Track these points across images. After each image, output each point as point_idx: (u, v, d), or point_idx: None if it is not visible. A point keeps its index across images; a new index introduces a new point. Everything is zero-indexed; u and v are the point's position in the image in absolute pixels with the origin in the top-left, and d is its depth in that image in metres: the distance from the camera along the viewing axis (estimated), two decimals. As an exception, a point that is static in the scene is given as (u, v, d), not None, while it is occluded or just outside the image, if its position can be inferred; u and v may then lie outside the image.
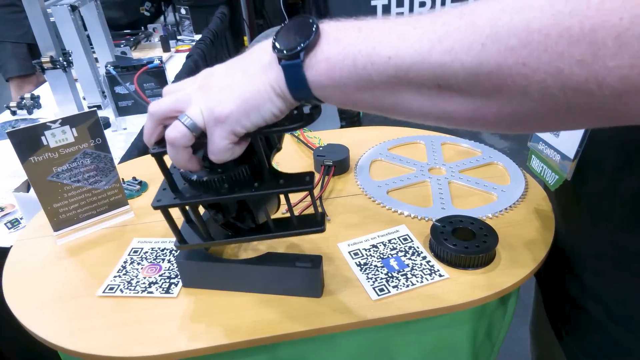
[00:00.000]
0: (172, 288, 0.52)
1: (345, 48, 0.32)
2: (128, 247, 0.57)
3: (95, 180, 0.60)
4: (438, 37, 0.29)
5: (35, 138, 0.54)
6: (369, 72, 0.31)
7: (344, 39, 0.32)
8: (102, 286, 0.52)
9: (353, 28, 0.33)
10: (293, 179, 0.42)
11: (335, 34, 0.33)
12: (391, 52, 0.30)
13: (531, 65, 0.26)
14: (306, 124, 0.39)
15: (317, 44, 0.33)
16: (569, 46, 0.24)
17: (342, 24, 0.34)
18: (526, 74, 0.26)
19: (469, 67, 0.28)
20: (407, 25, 0.30)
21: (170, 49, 1.96)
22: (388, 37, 0.31)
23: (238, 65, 0.37)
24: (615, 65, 0.24)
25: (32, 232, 0.62)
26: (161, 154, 0.40)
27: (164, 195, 0.44)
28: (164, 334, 0.46)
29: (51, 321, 0.48)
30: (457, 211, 0.60)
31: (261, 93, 0.35)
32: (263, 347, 0.48)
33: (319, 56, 0.33)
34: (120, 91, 1.42)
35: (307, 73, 0.33)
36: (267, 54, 0.35)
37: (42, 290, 0.52)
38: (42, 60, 1.16)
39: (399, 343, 0.54)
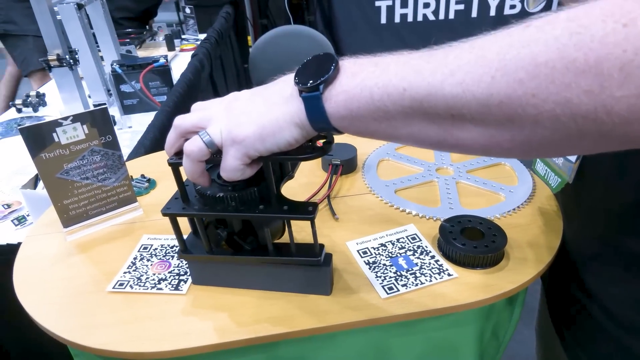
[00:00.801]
0: (181, 285, 0.52)
1: (363, 81, 0.34)
2: (138, 244, 0.58)
3: (104, 177, 0.61)
4: (450, 70, 0.30)
5: (47, 134, 0.54)
6: (385, 104, 0.33)
7: (361, 73, 0.34)
8: (112, 282, 0.52)
9: (370, 63, 0.35)
10: (297, 207, 0.44)
11: (353, 68, 0.35)
12: (406, 84, 0.32)
13: (540, 96, 0.27)
14: (319, 156, 0.41)
15: (336, 77, 0.35)
16: (575, 77, 0.26)
17: (359, 59, 0.36)
18: (536, 104, 0.27)
19: (480, 98, 0.29)
20: (420, 60, 0.32)
21: (174, 48, 1.97)
22: (403, 71, 0.32)
23: (261, 93, 0.39)
24: (622, 95, 0.25)
25: (41, 228, 0.63)
26: (178, 164, 0.43)
27: (174, 204, 0.46)
28: (173, 330, 0.46)
29: (62, 316, 0.49)
30: (465, 211, 0.60)
31: (279, 122, 0.37)
32: (263, 346, 0.48)
33: (338, 89, 0.35)
34: (126, 89, 1.42)
35: (326, 105, 0.35)
36: (289, 86, 0.37)
37: (53, 286, 0.53)
38: (49, 58, 1.17)
39: (404, 342, 0.54)
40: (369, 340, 0.52)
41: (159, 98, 1.43)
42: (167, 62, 1.42)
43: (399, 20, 3.02)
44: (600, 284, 0.49)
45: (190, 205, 0.45)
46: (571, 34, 0.26)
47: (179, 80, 1.39)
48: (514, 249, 0.54)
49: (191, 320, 0.47)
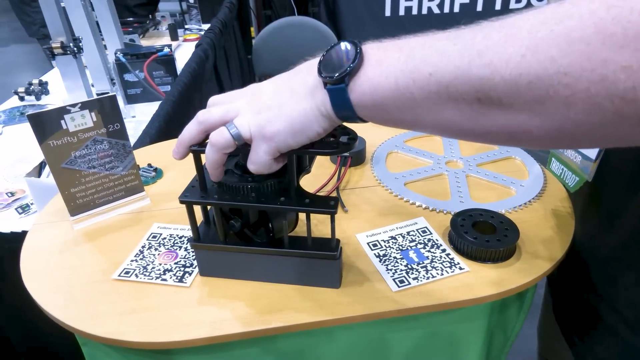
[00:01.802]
0: (185, 277, 0.51)
1: (388, 68, 0.33)
2: (147, 232, 0.57)
3: (112, 166, 0.60)
4: (477, 51, 0.29)
5: (55, 121, 0.54)
6: (411, 90, 0.32)
7: (386, 60, 0.33)
8: (118, 270, 0.52)
9: (394, 48, 0.34)
10: (318, 200, 0.44)
11: (377, 55, 0.34)
12: (432, 68, 0.31)
13: (573, 74, 0.25)
14: (344, 152, 0.41)
15: (361, 67, 0.34)
16: (613, 53, 0.24)
17: (384, 44, 0.35)
18: (568, 84, 0.26)
19: (508, 79, 0.28)
20: (447, 41, 0.31)
21: (178, 37, 1.95)
22: (428, 54, 0.31)
23: (286, 84, 0.39)
24: None
25: (48, 217, 0.62)
26: (200, 152, 0.42)
27: (192, 192, 0.46)
28: (181, 321, 0.46)
29: (70, 305, 0.48)
30: (475, 205, 0.60)
31: (308, 115, 0.37)
32: (262, 339, 0.48)
33: (362, 78, 0.34)
34: (130, 79, 1.41)
35: (352, 96, 0.34)
36: (312, 76, 0.37)
37: (60, 274, 0.52)
38: (53, 46, 1.16)
39: (408, 336, 0.54)
40: (370, 334, 0.52)
41: (163, 88, 1.42)
42: (171, 52, 1.40)
43: (404, 13, 2.99)
44: (614, 287, 0.48)
45: (209, 194, 0.45)
46: (609, 7, 0.24)
47: (183, 70, 1.37)
48: (526, 244, 0.54)
49: (199, 311, 0.47)
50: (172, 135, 1.11)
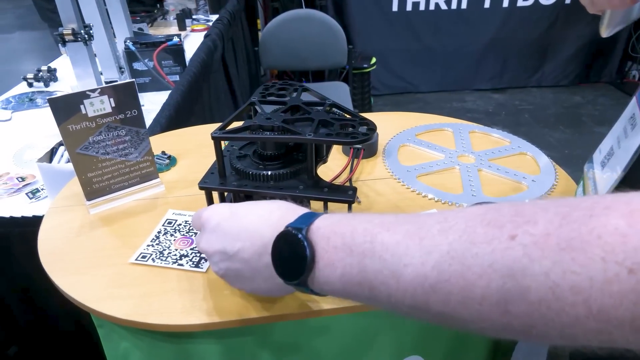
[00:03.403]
0: (202, 263, 0.52)
1: (344, 276, 0.32)
2: (163, 218, 0.58)
3: (128, 152, 0.61)
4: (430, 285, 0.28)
5: (75, 106, 0.54)
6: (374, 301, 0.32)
7: (338, 263, 0.32)
8: (135, 254, 0.53)
9: (343, 247, 0.32)
10: (337, 189, 0.45)
11: (328, 257, 0.33)
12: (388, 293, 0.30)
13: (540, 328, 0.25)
14: (362, 142, 0.43)
15: (314, 267, 0.33)
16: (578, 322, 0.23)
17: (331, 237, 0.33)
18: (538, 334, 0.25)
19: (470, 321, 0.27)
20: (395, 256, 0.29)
21: (185, 27, 1.95)
22: (381, 275, 0.30)
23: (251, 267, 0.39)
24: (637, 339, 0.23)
25: (63, 201, 0.63)
26: (221, 138, 0.43)
27: (211, 179, 0.47)
28: (195, 305, 0.46)
29: (88, 287, 0.49)
30: (488, 198, 0.60)
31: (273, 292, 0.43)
32: (255, 328, 0.49)
33: (320, 279, 0.34)
34: (138, 67, 1.42)
35: (314, 289, 0.35)
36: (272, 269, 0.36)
37: (78, 257, 0.53)
38: (64, 32, 1.16)
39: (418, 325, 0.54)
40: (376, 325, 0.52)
41: (171, 77, 1.42)
42: (180, 42, 1.41)
43: (411, 9, 2.99)
44: None
45: (227, 180, 0.45)
46: (564, 271, 0.23)
47: (192, 60, 1.38)
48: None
49: (216, 295, 0.48)
50: (181, 124, 1.12)
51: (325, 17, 2.20)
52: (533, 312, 0.24)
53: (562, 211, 0.25)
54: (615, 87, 3.26)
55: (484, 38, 3.09)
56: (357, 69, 2.68)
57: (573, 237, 0.23)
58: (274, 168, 0.45)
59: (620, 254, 0.22)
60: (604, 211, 0.23)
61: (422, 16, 3.02)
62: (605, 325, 0.23)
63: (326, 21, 2.19)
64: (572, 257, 0.23)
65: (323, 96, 0.52)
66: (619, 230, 0.22)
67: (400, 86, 3.22)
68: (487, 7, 3.00)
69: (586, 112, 3.00)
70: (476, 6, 2.99)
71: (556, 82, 3.30)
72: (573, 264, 0.23)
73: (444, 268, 0.27)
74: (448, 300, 0.27)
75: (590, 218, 0.23)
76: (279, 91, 0.54)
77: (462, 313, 0.27)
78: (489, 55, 3.16)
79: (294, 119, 0.48)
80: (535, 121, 2.88)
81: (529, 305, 0.24)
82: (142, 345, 0.51)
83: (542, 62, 3.23)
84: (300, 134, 0.45)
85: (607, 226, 0.23)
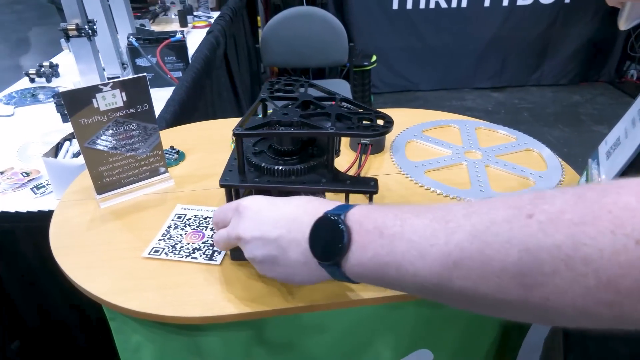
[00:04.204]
0: (215, 255, 0.52)
1: (374, 257, 0.34)
2: (172, 213, 0.58)
3: (139, 146, 0.61)
4: (454, 261, 0.30)
5: (87, 100, 0.54)
6: (399, 281, 0.34)
7: (370, 245, 0.34)
8: (147, 248, 0.53)
9: (375, 230, 0.35)
10: (358, 181, 0.46)
11: (362, 238, 0.35)
12: (415, 270, 0.32)
13: (555, 302, 0.26)
14: (383, 134, 0.45)
15: (349, 249, 0.35)
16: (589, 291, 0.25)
17: (364, 222, 0.35)
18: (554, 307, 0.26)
19: (491, 296, 0.29)
20: (423, 237, 0.32)
21: (187, 24, 1.95)
22: (409, 254, 0.32)
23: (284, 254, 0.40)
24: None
25: (73, 195, 0.63)
26: (244, 135, 0.43)
27: (231, 176, 0.46)
28: (209, 298, 0.47)
29: (101, 280, 0.49)
30: (496, 194, 0.61)
31: (304, 282, 0.44)
32: (251, 323, 0.49)
33: (352, 261, 0.35)
34: (141, 64, 1.41)
35: (347, 272, 0.36)
36: (308, 253, 0.38)
37: (90, 250, 0.53)
38: (68, 28, 1.16)
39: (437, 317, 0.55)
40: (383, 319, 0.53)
41: (174, 74, 1.42)
42: (183, 38, 1.41)
43: (411, 7, 2.99)
44: None
45: (247, 177, 0.45)
46: (576, 244, 0.25)
47: (196, 56, 1.38)
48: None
49: (230, 289, 0.48)
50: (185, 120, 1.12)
51: (326, 14, 2.20)
52: (548, 283, 0.26)
53: (578, 192, 0.27)
54: (614, 86, 3.28)
55: (484, 37, 3.10)
56: (358, 66, 2.68)
57: (586, 213, 0.25)
58: (292, 163, 0.45)
59: (629, 227, 0.23)
60: (616, 190, 0.25)
61: (423, 14, 3.02)
62: (615, 295, 0.24)
63: (327, 19, 2.19)
64: (583, 230, 0.25)
65: (331, 91, 0.53)
66: (629, 206, 0.24)
67: (400, 84, 3.22)
68: (487, 6, 3.01)
69: (585, 111, 3.01)
70: (476, 5, 3.00)
71: (555, 81, 3.32)
72: (584, 237, 0.24)
73: (466, 246, 0.29)
74: (469, 275, 0.29)
75: (603, 197, 0.25)
76: (286, 87, 0.54)
77: (482, 287, 0.29)
78: (489, 54, 3.17)
79: (310, 113, 0.48)
80: (534, 120, 2.89)
81: (543, 277, 0.26)
82: (154, 337, 0.51)
83: (542, 61, 3.24)
84: (321, 128, 0.45)
85: (617, 202, 0.24)
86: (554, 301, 0.26)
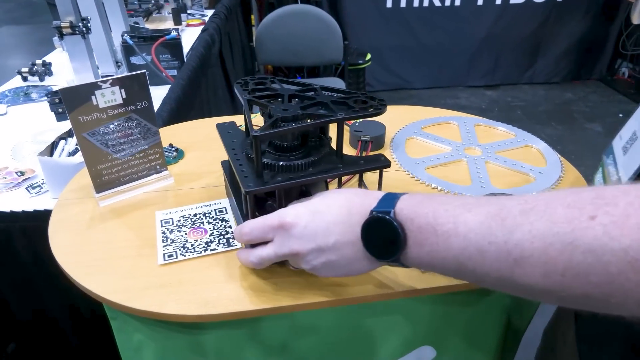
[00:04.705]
0: (232, 240, 0.53)
1: (431, 253, 0.36)
2: (156, 221, 0.56)
3: (138, 144, 0.60)
4: (515, 260, 0.31)
5: (86, 97, 0.53)
6: (459, 274, 0.36)
7: (426, 242, 0.36)
8: (159, 256, 0.51)
9: (428, 226, 0.36)
10: (370, 159, 0.48)
11: (417, 236, 0.36)
12: (474, 266, 0.33)
13: (618, 297, 0.27)
14: (382, 113, 0.48)
15: (406, 246, 0.37)
16: None
17: (415, 219, 0.36)
18: (617, 303, 0.28)
19: (553, 290, 0.30)
20: (479, 234, 0.33)
21: (181, 22, 1.94)
22: (467, 251, 0.33)
23: (350, 255, 0.41)
24: None
25: (71, 193, 0.62)
26: (264, 136, 0.43)
27: (251, 181, 0.45)
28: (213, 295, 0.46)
29: (104, 279, 0.48)
30: (497, 190, 0.61)
31: (362, 271, 0.43)
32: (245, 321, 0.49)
33: (411, 256, 0.37)
34: (136, 62, 1.40)
35: (406, 263, 0.38)
36: (365, 252, 0.39)
37: (91, 249, 0.52)
38: (62, 25, 1.14)
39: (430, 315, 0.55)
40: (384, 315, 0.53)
41: (169, 72, 1.41)
42: (179, 36, 1.40)
43: (405, 5, 3.00)
44: None
45: (265, 178, 0.45)
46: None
47: (191, 54, 1.37)
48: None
49: (236, 286, 0.48)
50: (182, 118, 1.11)
51: (321, 12, 2.20)
52: (613, 282, 0.27)
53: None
54: (605, 84, 3.30)
55: (477, 35, 3.11)
56: (352, 65, 2.68)
57: None
58: (302, 156, 0.46)
59: None
60: None
61: (416, 13, 3.03)
62: None
63: (322, 17, 2.19)
64: None
65: (304, 82, 0.54)
66: None
67: (394, 82, 3.23)
68: (481, 4, 3.02)
69: (577, 108, 3.03)
70: (469, 3, 3.01)
71: (548, 79, 3.34)
72: None
73: (526, 246, 0.30)
74: (532, 273, 0.30)
75: None
76: (258, 86, 0.53)
77: (545, 284, 0.30)
78: (482, 52, 3.18)
79: (307, 105, 0.49)
80: (527, 117, 2.91)
81: (608, 277, 0.27)
82: (156, 336, 0.51)
83: (534, 59, 3.26)
84: (331, 116, 0.46)
85: None
86: (618, 298, 0.27)
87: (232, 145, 0.51)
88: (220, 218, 0.57)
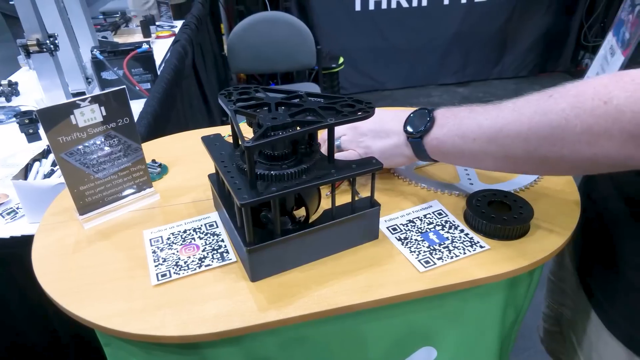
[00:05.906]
0: (225, 255, 0.52)
1: (449, 131, 0.52)
2: (145, 240, 0.55)
3: (121, 162, 0.58)
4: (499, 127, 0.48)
5: (65, 116, 0.52)
6: (462, 148, 0.51)
7: (447, 124, 0.52)
8: (152, 276, 0.49)
9: (452, 115, 0.53)
10: (362, 163, 0.49)
11: (441, 120, 0.53)
12: (474, 137, 0.49)
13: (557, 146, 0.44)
14: (369, 117, 0.49)
15: (432, 128, 0.53)
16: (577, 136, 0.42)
17: (447, 112, 0.53)
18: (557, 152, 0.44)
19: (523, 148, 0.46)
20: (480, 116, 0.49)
21: (150, 34, 1.91)
22: (471, 126, 0.50)
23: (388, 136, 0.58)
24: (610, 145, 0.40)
25: (52, 217, 0.60)
26: (257, 146, 0.43)
27: (246, 193, 0.44)
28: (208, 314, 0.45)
29: (92, 304, 0.47)
30: (485, 186, 0.62)
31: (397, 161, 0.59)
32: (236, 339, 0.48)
33: (431, 136, 0.53)
34: (108, 77, 1.37)
35: (426, 147, 0.54)
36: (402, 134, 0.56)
37: (79, 274, 0.50)
38: (28, 44, 1.11)
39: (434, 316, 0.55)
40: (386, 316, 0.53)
41: (143, 85, 1.38)
42: (150, 48, 1.37)
43: (373, 7, 3.02)
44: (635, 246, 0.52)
45: (259, 189, 0.44)
46: (573, 107, 0.41)
47: (165, 66, 1.35)
48: (539, 220, 0.56)
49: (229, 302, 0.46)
50: (160, 132, 1.09)
51: (292, 18, 2.20)
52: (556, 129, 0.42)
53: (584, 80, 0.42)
54: (570, 75, 3.41)
55: (446, 33, 3.17)
56: (326, 69, 2.69)
57: (582, 90, 0.41)
58: (293, 164, 0.45)
59: (604, 95, 0.39)
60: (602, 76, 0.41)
61: (385, 14, 3.06)
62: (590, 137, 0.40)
63: (293, 23, 2.18)
64: (578, 99, 0.41)
65: (288, 89, 0.53)
66: (603, 82, 0.40)
67: (367, 84, 3.25)
68: (447, 4, 3.07)
69: (546, 100, 3.11)
70: (436, 3, 3.06)
71: (516, 73, 3.42)
72: (577, 102, 0.41)
73: (508, 116, 0.47)
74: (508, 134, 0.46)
75: (593, 80, 0.41)
76: (242, 96, 0.53)
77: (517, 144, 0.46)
78: (452, 50, 3.24)
79: (294, 112, 0.48)
80: (499, 112, 2.97)
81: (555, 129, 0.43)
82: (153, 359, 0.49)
83: (502, 54, 3.34)
84: (320, 122, 0.46)
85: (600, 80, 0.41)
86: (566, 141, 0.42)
87: (221, 158, 0.50)
88: (211, 232, 0.55)
